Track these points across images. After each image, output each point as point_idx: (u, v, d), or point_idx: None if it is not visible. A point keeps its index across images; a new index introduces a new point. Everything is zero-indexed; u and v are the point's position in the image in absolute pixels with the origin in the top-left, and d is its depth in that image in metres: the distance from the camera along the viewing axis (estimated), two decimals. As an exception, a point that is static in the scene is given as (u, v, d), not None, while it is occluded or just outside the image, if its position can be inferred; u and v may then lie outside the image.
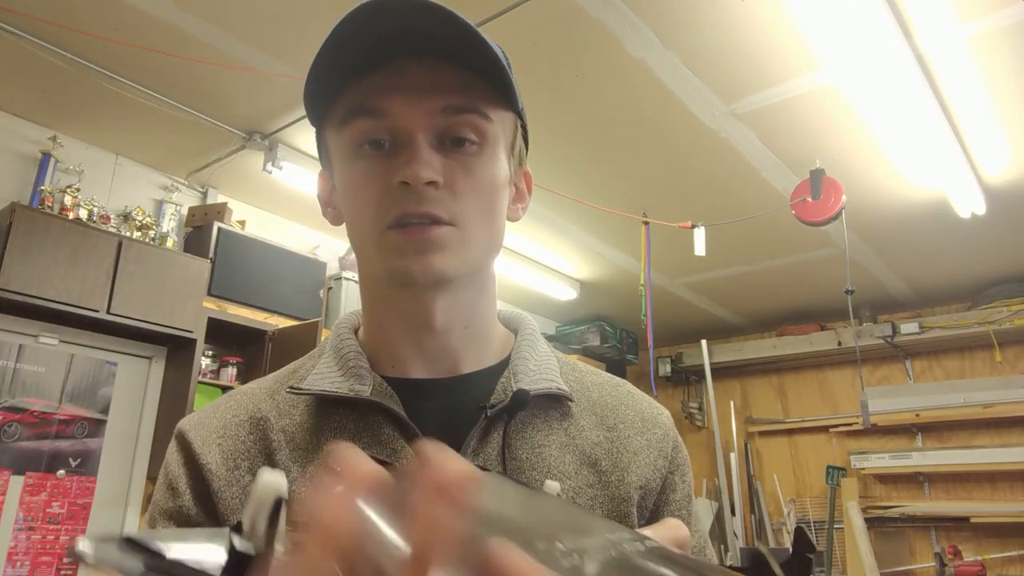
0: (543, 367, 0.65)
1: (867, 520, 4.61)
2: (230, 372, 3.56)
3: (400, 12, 0.53)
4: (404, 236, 0.56)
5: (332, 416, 0.60)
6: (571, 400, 0.64)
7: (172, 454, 0.63)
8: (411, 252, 0.56)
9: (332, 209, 0.66)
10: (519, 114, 0.63)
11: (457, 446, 0.58)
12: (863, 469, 4.87)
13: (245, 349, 3.64)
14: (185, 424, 0.63)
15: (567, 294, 4.75)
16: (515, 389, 0.60)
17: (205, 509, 0.59)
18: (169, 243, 3.39)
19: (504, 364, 0.65)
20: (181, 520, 0.59)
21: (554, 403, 0.64)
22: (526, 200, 0.69)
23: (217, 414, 0.63)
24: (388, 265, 0.57)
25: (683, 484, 0.67)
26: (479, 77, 0.58)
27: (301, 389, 0.61)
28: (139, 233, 3.25)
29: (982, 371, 4.79)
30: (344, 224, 0.64)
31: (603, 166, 3.29)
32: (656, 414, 0.69)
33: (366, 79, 0.57)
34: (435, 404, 0.62)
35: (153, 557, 0.29)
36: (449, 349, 0.62)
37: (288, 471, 0.57)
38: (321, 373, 0.62)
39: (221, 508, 0.58)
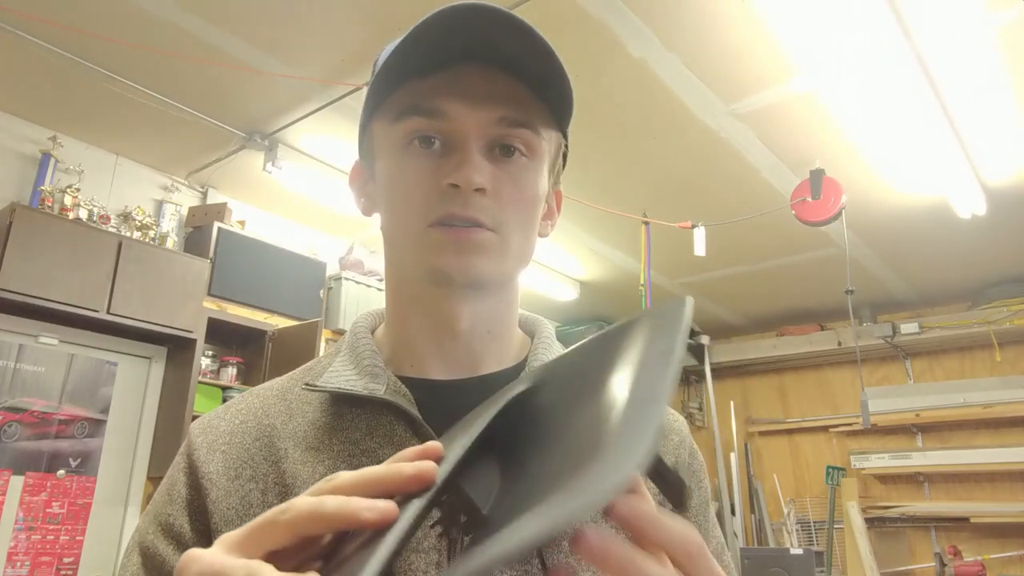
0: None
1: (867, 520, 4.61)
2: (230, 372, 3.56)
3: (483, 20, 0.55)
4: (446, 235, 0.56)
5: (345, 415, 0.60)
6: None
7: (179, 456, 0.63)
8: (451, 251, 0.56)
9: (365, 199, 0.67)
10: (564, 134, 0.65)
11: None
12: (863, 469, 4.87)
13: (245, 349, 3.64)
14: (196, 428, 0.64)
15: (567, 294, 4.75)
16: None
17: (193, 523, 0.59)
18: (169, 243, 3.39)
19: (521, 366, 0.65)
20: (167, 529, 0.59)
21: None
22: (555, 218, 0.69)
23: (227, 417, 0.64)
24: (426, 262, 0.58)
25: (700, 490, 0.67)
26: (537, 94, 0.59)
27: (316, 386, 0.61)
28: (139, 233, 3.26)
29: (982, 371, 4.78)
30: (375, 215, 0.64)
31: (603, 166, 3.29)
32: (671, 420, 0.69)
33: (428, 79, 0.58)
34: (451, 404, 0.61)
35: None
36: (470, 351, 0.63)
37: (296, 477, 0.57)
38: (336, 371, 0.63)
39: (216, 518, 0.57)
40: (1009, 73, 2.58)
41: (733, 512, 5.00)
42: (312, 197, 3.60)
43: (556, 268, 4.57)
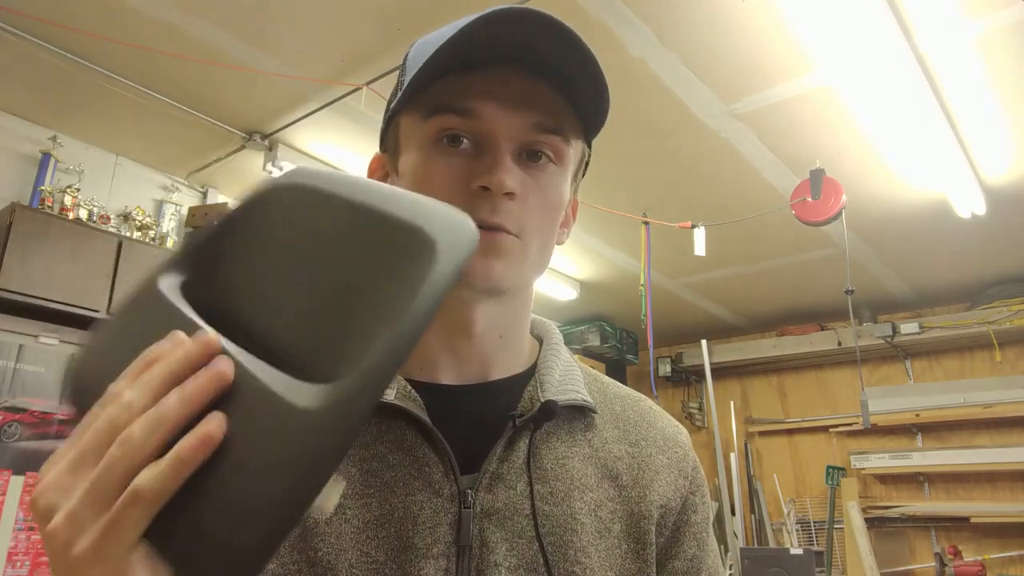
0: (568, 377, 0.65)
1: (867, 520, 4.61)
2: (230, 372, 3.56)
3: (529, 24, 0.54)
4: None
5: None
6: (595, 412, 0.65)
7: None
8: (476, 253, 0.56)
9: None
10: (589, 144, 0.65)
11: (484, 453, 0.59)
12: (863, 469, 4.87)
13: (245, 349, 3.64)
14: None
15: (567, 294, 4.75)
16: (543, 400, 0.61)
17: None
18: (169, 243, 3.39)
19: (530, 372, 0.65)
20: None
21: (578, 414, 0.64)
22: (570, 226, 0.70)
23: None
24: None
25: (703, 506, 0.68)
26: (571, 102, 0.59)
27: None
28: (139, 233, 3.26)
29: (982, 371, 4.79)
30: None
31: (603, 166, 3.29)
32: (675, 432, 0.70)
33: (465, 78, 0.57)
34: (462, 410, 0.62)
35: None
36: (482, 355, 0.63)
37: None
38: None
39: None
40: (1009, 72, 2.58)
41: (733, 512, 4.99)
42: (312, 197, 3.59)
43: (556, 268, 4.57)
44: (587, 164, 0.67)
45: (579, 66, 0.57)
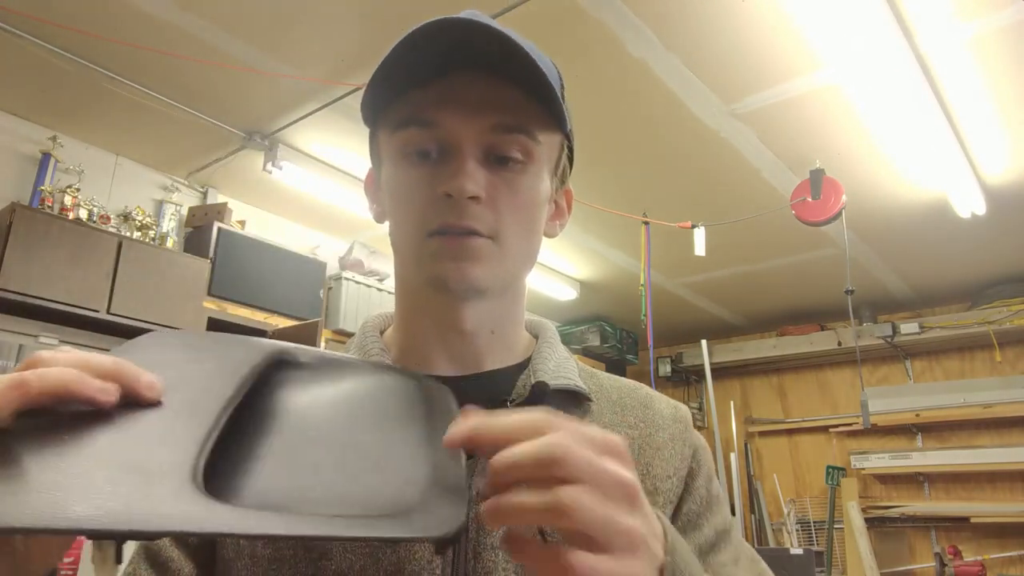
0: (562, 367, 0.66)
1: (867, 520, 4.61)
2: (230, 372, 3.55)
3: (460, 31, 0.56)
4: (443, 243, 0.58)
5: None
6: (590, 399, 0.66)
7: None
8: (448, 259, 0.58)
9: (377, 206, 0.68)
10: (567, 135, 0.65)
11: None
12: (863, 469, 4.87)
13: (245, 349, 3.64)
14: None
15: (567, 294, 4.75)
16: (534, 382, 0.62)
17: (179, 543, 0.60)
18: (169, 243, 3.39)
19: (525, 363, 0.67)
20: (151, 555, 0.60)
21: (573, 401, 0.65)
22: (565, 217, 0.70)
23: None
24: (425, 270, 0.59)
25: (700, 467, 0.68)
26: (532, 98, 0.59)
27: None
28: (139, 233, 3.25)
29: (982, 371, 4.79)
30: (386, 223, 0.66)
31: (603, 166, 3.29)
32: (674, 410, 0.71)
33: (423, 89, 0.59)
34: (458, 398, 0.62)
35: None
36: (475, 350, 0.64)
37: None
38: None
39: None
40: (1010, 72, 2.58)
41: (733, 512, 4.99)
42: (312, 197, 3.60)
43: (556, 268, 4.57)
44: (571, 154, 0.68)
45: (517, 61, 0.57)
